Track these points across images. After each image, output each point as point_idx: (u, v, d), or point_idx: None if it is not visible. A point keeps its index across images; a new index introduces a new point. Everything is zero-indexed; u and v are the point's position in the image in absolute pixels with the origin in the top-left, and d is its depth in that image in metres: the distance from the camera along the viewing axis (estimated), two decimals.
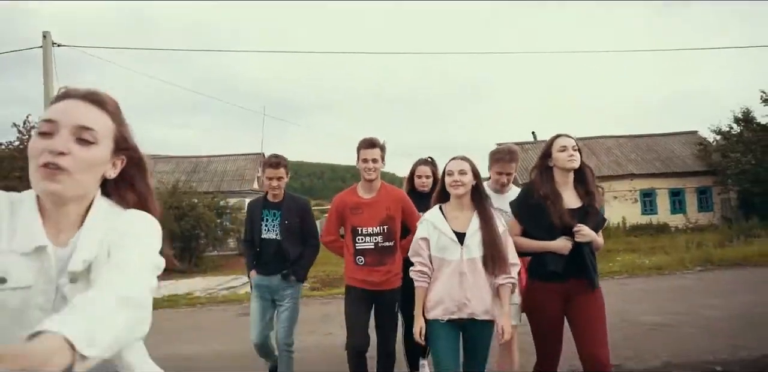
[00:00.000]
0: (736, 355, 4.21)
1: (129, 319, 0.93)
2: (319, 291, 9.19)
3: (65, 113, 1.13)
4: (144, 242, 1.15)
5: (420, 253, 2.84)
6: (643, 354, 4.36)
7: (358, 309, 3.41)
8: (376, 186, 3.51)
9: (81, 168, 1.11)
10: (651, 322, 5.45)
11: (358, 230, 3.44)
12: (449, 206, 2.87)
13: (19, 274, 1.07)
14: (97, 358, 0.83)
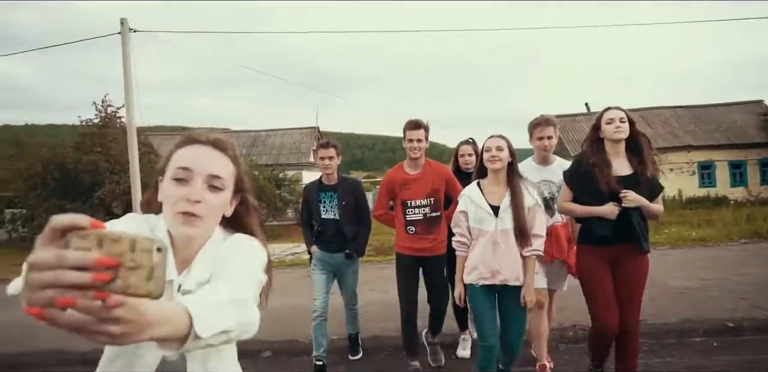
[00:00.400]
0: (750, 314, 4.70)
1: (238, 317, 0.97)
2: (375, 257, 10.01)
3: (198, 162, 1.21)
4: (248, 260, 1.20)
5: (460, 224, 3.13)
6: (664, 312, 4.90)
7: (406, 276, 3.78)
8: (420, 163, 3.81)
9: (212, 213, 1.21)
10: (680, 286, 5.95)
11: (408, 203, 3.77)
12: (487, 181, 3.12)
13: None
14: (205, 341, 0.86)
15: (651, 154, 3.10)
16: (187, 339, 0.82)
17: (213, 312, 0.88)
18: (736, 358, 3.86)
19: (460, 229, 3.14)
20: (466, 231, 3.11)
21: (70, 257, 0.62)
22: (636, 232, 2.92)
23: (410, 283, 3.75)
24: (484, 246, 3.00)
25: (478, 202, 3.06)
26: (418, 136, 3.75)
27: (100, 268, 0.63)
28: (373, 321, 4.97)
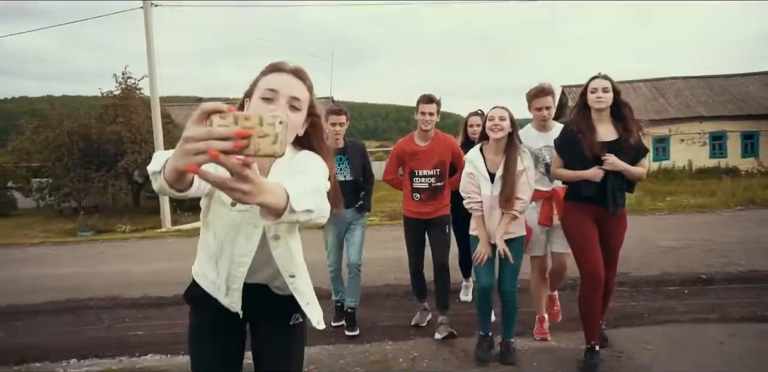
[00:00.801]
0: (723, 269, 5.28)
1: (317, 202, 1.20)
2: (388, 221, 10.68)
3: (283, 85, 1.41)
4: (316, 168, 1.42)
5: (470, 186, 3.35)
6: (648, 266, 5.49)
7: (412, 236, 4.11)
8: (430, 135, 4.00)
9: (291, 130, 1.38)
10: (667, 245, 6.53)
11: (415, 172, 4.00)
12: (488, 149, 3.32)
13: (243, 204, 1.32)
14: (296, 215, 1.10)
15: (636, 121, 3.20)
16: (284, 212, 1.07)
17: (302, 194, 1.12)
18: (701, 301, 4.45)
19: (471, 189, 3.35)
20: (477, 191, 3.32)
21: (216, 131, 0.86)
22: (608, 195, 3.08)
23: (417, 241, 4.12)
24: (484, 208, 3.31)
25: (479, 167, 3.31)
26: (430, 110, 3.94)
27: (237, 138, 0.87)
28: (389, 272, 5.62)
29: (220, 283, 1.55)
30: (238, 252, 1.51)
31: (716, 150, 25.19)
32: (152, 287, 5.85)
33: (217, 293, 1.57)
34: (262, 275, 1.57)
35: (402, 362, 3.40)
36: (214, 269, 1.55)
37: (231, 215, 1.47)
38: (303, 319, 1.66)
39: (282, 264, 1.53)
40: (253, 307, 1.59)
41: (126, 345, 4.17)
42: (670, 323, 3.86)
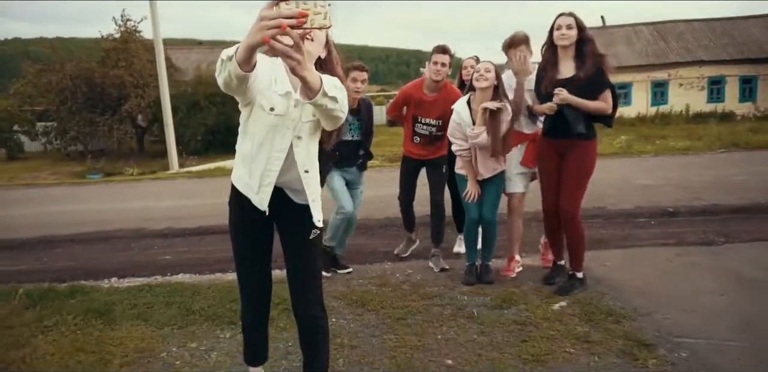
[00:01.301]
0: (690, 203, 5.85)
1: (340, 96, 1.66)
2: (388, 164, 11.21)
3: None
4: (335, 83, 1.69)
5: (457, 134, 3.66)
6: (622, 201, 6.06)
7: (407, 173, 4.34)
8: (439, 86, 4.07)
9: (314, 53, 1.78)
10: (644, 183, 7.09)
11: (418, 118, 4.14)
12: (475, 100, 3.58)
13: (279, 106, 1.86)
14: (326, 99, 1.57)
15: (600, 56, 3.31)
16: (317, 94, 1.53)
17: (332, 86, 1.60)
18: (663, 230, 5.04)
19: (458, 136, 3.67)
20: (464, 138, 3.63)
21: (284, 12, 1.31)
22: (568, 124, 3.27)
23: (410, 178, 4.36)
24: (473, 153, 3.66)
25: (464, 118, 3.61)
26: (443, 61, 3.96)
27: (300, 16, 1.30)
28: (388, 208, 6.14)
29: (252, 182, 1.96)
30: (276, 148, 1.91)
31: (714, 94, 25.23)
32: (173, 221, 6.44)
33: (249, 192, 1.97)
34: (286, 176, 1.96)
35: (399, 277, 4.00)
36: (248, 172, 1.96)
37: (269, 119, 1.88)
38: (320, 232, 2.13)
39: (300, 160, 1.94)
40: (277, 212, 2.02)
41: (157, 266, 4.78)
42: (631, 248, 4.44)
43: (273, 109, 1.87)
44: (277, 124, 1.90)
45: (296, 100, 1.83)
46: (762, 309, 3.05)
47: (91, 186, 10.95)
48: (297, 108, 1.89)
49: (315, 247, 2.12)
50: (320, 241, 2.20)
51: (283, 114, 1.88)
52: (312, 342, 2.15)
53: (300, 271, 2.11)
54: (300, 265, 2.11)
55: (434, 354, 2.69)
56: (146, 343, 2.94)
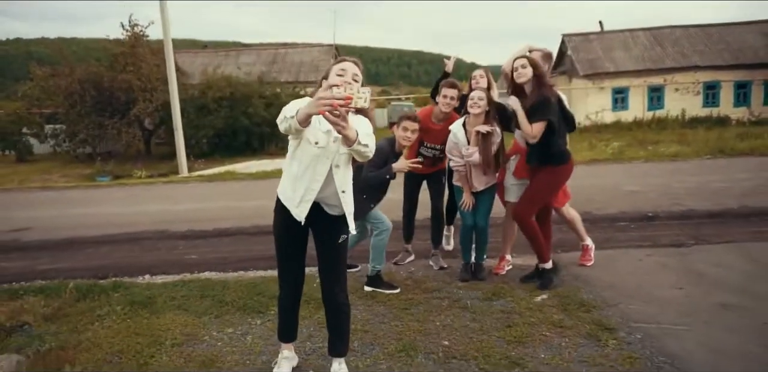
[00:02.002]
0: (669, 209, 6.38)
1: (370, 144, 2.30)
2: None
3: (349, 68, 2.47)
4: (367, 127, 2.40)
5: (454, 152, 4.14)
6: (608, 207, 6.59)
7: (411, 186, 4.78)
8: (447, 116, 4.48)
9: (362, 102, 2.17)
10: (629, 189, 7.63)
11: (425, 143, 4.57)
12: (470, 122, 4.08)
13: (322, 141, 2.42)
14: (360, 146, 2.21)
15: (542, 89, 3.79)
16: (354, 142, 2.18)
17: (364, 136, 2.23)
18: (641, 233, 5.56)
19: (455, 154, 4.16)
20: (459, 155, 4.12)
21: (336, 95, 2.02)
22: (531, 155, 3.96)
23: (413, 191, 4.80)
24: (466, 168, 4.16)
25: (460, 138, 4.10)
26: (452, 94, 4.36)
27: (346, 99, 2.01)
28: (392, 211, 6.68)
29: (295, 197, 2.51)
30: (318, 172, 2.47)
31: (710, 99, 25.73)
32: (192, 223, 6.98)
33: (291, 205, 2.54)
34: (323, 193, 2.51)
35: (403, 274, 4.53)
36: (294, 188, 2.51)
37: (314, 150, 2.43)
38: (347, 237, 2.69)
39: (338, 182, 2.51)
40: (314, 221, 2.59)
41: (184, 265, 5.30)
42: (609, 249, 4.94)
43: (317, 143, 2.43)
44: (320, 155, 2.45)
45: (335, 136, 2.37)
46: (710, 299, 3.59)
47: (107, 189, 11.48)
48: (335, 142, 2.43)
49: (342, 249, 2.71)
50: (346, 244, 2.74)
51: (324, 146, 2.44)
52: (338, 324, 2.71)
53: (331, 268, 2.69)
54: (331, 263, 2.70)
55: (433, 337, 3.22)
56: (189, 329, 3.47)
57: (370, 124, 2.52)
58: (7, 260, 5.93)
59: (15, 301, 4.19)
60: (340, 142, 2.38)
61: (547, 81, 3.90)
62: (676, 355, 2.85)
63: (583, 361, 2.84)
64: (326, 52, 29.39)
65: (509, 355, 2.92)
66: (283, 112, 2.29)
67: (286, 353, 2.86)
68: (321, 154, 2.45)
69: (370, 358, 2.99)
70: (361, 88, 2.08)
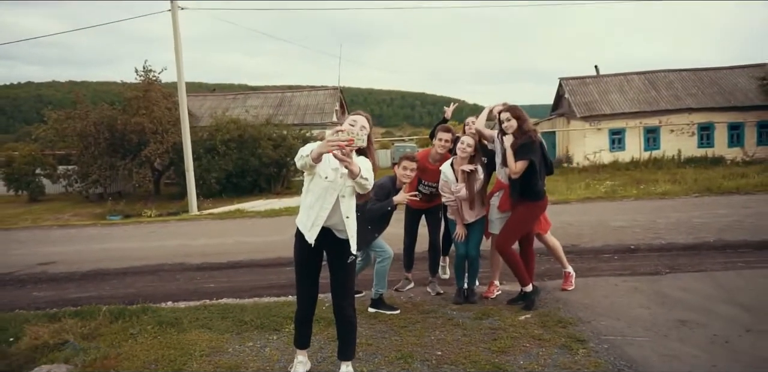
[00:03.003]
0: (651, 242, 6.87)
1: (369, 179, 2.87)
2: None
3: (359, 120, 3.06)
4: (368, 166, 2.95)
5: (445, 189, 4.69)
6: (594, 240, 7.09)
7: (410, 221, 5.30)
8: (442, 157, 4.96)
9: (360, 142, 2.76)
10: (617, 225, 8.14)
11: (422, 181, 5.06)
12: (457, 162, 4.64)
13: (331, 176, 2.97)
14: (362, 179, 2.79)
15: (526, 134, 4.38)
16: (357, 176, 2.75)
17: (365, 170, 2.81)
18: (622, 263, 6.04)
19: (446, 191, 4.72)
20: (449, 192, 4.68)
21: (342, 137, 2.63)
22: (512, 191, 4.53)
23: (413, 225, 5.31)
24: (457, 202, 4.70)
25: (449, 176, 4.66)
26: (447, 138, 4.92)
27: (350, 140, 2.63)
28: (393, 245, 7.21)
29: (308, 223, 3.06)
30: (327, 201, 3.02)
31: (704, 140, 26.44)
32: (208, 256, 7.49)
33: (304, 230, 3.09)
34: (332, 220, 3.06)
35: (403, 298, 5.01)
36: (308, 215, 3.06)
37: (324, 183, 2.99)
38: (355, 258, 3.21)
39: (344, 209, 3.05)
40: (325, 244, 3.14)
41: (203, 293, 5.79)
42: (590, 277, 5.42)
43: (327, 177, 2.99)
44: (328, 187, 3.01)
45: (342, 172, 2.94)
46: (671, 316, 4.07)
47: (123, 226, 12.03)
48: (342, 177, 2.99)
49: (351, 268, 3.23)
50: (354, 264, 3.27)
51: (333, 180, 2.99)
52: (346, 333, 3.21)
53: (341, 284, 3.20)
54: (341, 280, 3.21)
55: (428, 348, 3.69)
56: (214, 343, 3.95)
57: (370, 163, 3.07)
58: (39, 290, 6.44)
59: (54, 323, 4.67)
60: (346, 177, 2.94)
61: (529, 128, 4.46)
62: (634, 360, 3.32)
63: (557, 365, 3.31)
64: (331, 95, 30.51)
65: (493, 362, 3.39)
66: (300, 152, 2.85)
67: (301, 358, 3.35)
68: (330, 187, 3.00)
69: (373, 364, 3.46)
70: (359, 132, 2.82)
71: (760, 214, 8.53)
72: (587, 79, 29.04)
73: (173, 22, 15.50)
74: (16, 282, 6.91)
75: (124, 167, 21.83)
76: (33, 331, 4.55)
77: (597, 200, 11.66)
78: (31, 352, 4.21)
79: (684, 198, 11.18)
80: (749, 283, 4.90)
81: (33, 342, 4.37)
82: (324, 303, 4.38)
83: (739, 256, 6.11)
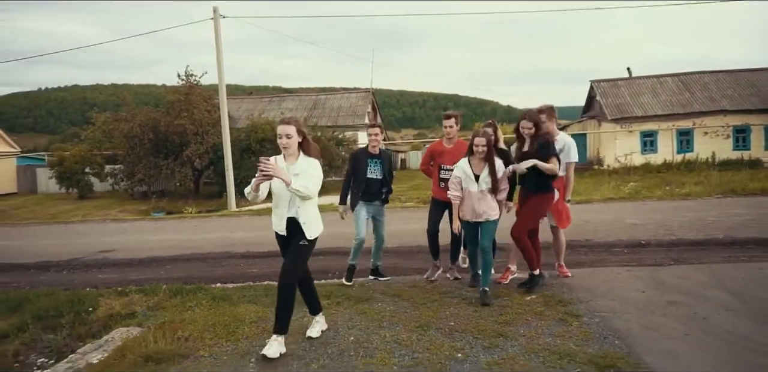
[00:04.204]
0: (662, 238, 7.30)
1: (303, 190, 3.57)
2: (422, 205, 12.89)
3: (281, 130, 3.72)
4: (316, 170, 3.79)
5: (455, 184, 4.92)
6: (609, 236, 7.55)
7: (435, 210, 5.62)
8: (453, 140, 5.54)
9: (292, 144, 3.74)
10: (631, 222, 8.57)
11: (442, 166, 5.48)
12: (474, 159, 4.85)
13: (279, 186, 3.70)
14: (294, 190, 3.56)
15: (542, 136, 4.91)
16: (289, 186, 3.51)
17: (299, 185, 3.56)
18: (631, 256, 6.51)
19: (455, 187, 4.95)
20: (459, 189, 4.94)
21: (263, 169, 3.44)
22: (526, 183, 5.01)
23: (437, 215, 5.63)
24: (472, 200, 4.90)
25: (467, 172, 4.88)
26: (450, 124, 5.48)
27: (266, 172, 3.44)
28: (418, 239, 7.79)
29: (276, 221, 3.83)
30: (283, 203, 3.77)
31: (740, 142, 26.16)
32: (250, 246, 8.23)
33: (275, 225, 3.84)
34: (291, 211, 3.78)
35: (423, 282, 5.60)
36: (276, 213, 3.82)
37: (280, 189, 3.68)
38: (307, 243, 3.79)
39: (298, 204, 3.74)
40: (290, 233, 3.80)
41: (247, 277, 6.49)
42: (598, 267, 5.92)
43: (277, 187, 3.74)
44: (283, 191, 3.72)
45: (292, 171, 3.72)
46: (662, 299, 4.57)
47: (170, 221, 12.96)
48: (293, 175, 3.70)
49: (302, 249, 3.82)
50: (306, 247, 3.82)
51: (284, 188, 3.64)
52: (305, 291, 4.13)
53: (290, 258, 3.85)
54: (291, 255, 3.84)
55: (443, 320, 4.28)
56: (261, 314, 4.62)
57: (316, 169, 3.80)
58: (103, 273, 7.27)
59: (123, 298, 5.43)
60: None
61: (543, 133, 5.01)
62: (619, 330, 3.86)
63: (552, 334, 3.87)
64: (363, 97, 31.26)
65: (498, 331, 3.97)
66: (245, 193, 3.75)
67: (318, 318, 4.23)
68: (283, 192, 3.72)
69: (395, 331, 4.08)
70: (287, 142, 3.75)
71: None
72: (619, 82, 29.06)
73: (215, 30, 16.39)
74: (82, 266, 7.77)
75: (167, 167, 22.89)
76: (106, 303, 5.32)
77: (619, 200, 12.02)
78: (107, 320, 4.98)
79: (706, 199, 11.45)
80: (743, 273, 5.32)
81: (107, 311, 5.15)
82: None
83: (744, 251, 6.50)
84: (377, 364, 3.50)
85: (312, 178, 3.72)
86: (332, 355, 3.70)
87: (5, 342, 5.00)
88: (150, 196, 23.00)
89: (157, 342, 3.93)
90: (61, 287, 6.29)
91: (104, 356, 3.84)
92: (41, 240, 10.53)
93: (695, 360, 3.35)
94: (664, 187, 14.85)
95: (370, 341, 3.89)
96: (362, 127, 28.82)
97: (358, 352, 3.71)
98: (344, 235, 6.55)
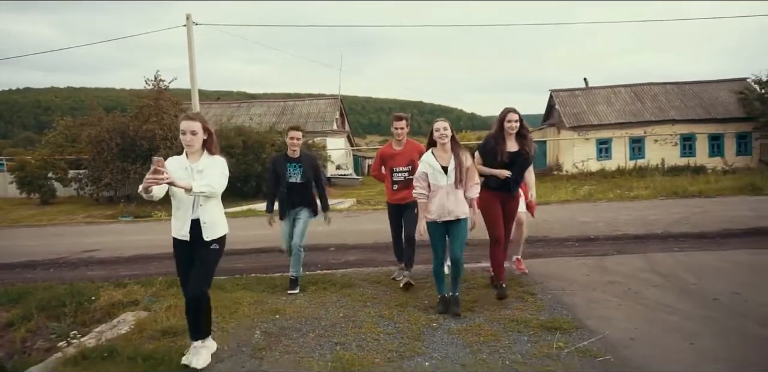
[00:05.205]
0: (608, 233, 8.15)
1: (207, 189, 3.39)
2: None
3: (185, 126, 3.49)
4: (221, 168, 3.58)
5: (420, 181, 4.46)
6: (562, 232, 8.40)
7: (392, 216, 5.67)
8: (403, 142, 5.43)
9: (196, 141, 3.52)
10: (584, 220, 9.48)
11: (394, 169, 5.39)
12: (437, 150, 4.44)
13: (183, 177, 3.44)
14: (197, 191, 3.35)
15: (530, 140, 4.84)
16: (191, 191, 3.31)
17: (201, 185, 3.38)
18: (580, 248, 7.32)
19: (420, 184, 4.48)
20: (425, 186, 4.47)
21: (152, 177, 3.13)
22: (508, 186, 4.83)
23: (395, 220, 5.70)
24: (441, 195, 4.40)
25: (434, 165, 4.39)
26: (401, 126, 5.39)
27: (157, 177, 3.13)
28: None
29: (178, 225, 3.61)
30: (186, 205, 3.57)
31: (686, 150, 27.80)
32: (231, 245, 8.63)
33: (177, 230, 3.63)
34: (194, 214, 3.58)
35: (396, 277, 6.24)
36: (176, 218, 3.63)
37: (181, 192, 3.43)
38: (219, 247, 3.78)
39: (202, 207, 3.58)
40: (193, 238, 3.60)
41: (235, 270, 6.97)
42: (552, 257, 6.69)
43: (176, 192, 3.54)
44: (183, 195, 3.51)
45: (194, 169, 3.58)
46: (603, 279, 5.37)
47: (146, 223, 13.30)
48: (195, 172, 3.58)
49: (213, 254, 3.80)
50: (218, 251, 3.84)
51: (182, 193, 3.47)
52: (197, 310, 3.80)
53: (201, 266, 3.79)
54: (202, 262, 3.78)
55: (419, 300, 4.93)
56: (256, 298, 5.19)
57: (220, 167, 3.61)
58: (91, 270, 7.68)
59: (123, 289, 5.90)
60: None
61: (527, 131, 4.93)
62: (566, 303, 4.61)
63: (511, 307, 4.58)
64: (332, 103, 31.85)
65: (466, 307, 4.65)
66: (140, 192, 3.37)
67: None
68: (184, 196, 3.52)
69: (378, 309, 4.71)
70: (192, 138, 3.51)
71: (706, 212, 9.86)
72: (576, 91, 30.44)
73: (188, 37, 16.82)
74: (69, 265, 8.14)
75: (135, 171, 22.96)
76: (107, 293, 5.79)
77: (575, 202, 12.96)
78: (109, 308, 5.45)
79: (651, 200, 12.49)
80: (673, 260, 6.16)
81: (109, 300, 5.61)
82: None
83: (678, 244, 7.38)
84: (366, 332, 4.13)
85: (215, 175, 3.55)
86: (326, 327, 4.31)
87: (12, 330, 5.42)
88: (116, 200, 22.99)
89: (169, 320, 4.46)
90: (54, 282, 6.67)
91: (124, 331, 4.36)
92: (18, 241, 10.76)
93: (625, 322, 4.11)
94: (615, 190, 15.91)
95: (357, 316, 4.52)
96: (331, 133, 29.42)
97: (348, 325, 4.34)
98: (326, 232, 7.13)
